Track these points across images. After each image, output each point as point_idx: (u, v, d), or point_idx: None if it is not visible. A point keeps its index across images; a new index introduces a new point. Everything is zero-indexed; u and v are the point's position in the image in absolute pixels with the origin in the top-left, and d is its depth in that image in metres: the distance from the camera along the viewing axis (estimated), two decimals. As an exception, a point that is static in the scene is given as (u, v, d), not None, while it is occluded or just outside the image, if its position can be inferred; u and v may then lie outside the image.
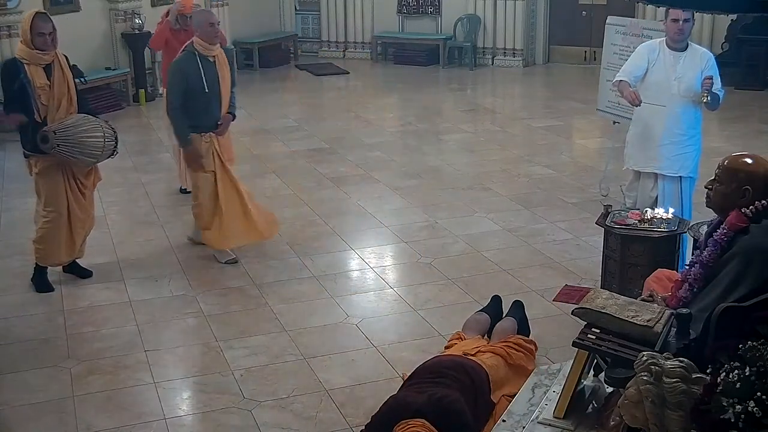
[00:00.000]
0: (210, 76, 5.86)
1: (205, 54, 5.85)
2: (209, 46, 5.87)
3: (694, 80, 5.36)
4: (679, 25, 5.33)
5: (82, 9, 11.20)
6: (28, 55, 5.36)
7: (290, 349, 4.91)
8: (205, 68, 5.84)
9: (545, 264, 6.04)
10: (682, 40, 5.43)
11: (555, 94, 12.31)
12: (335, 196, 7.67)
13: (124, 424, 4.20)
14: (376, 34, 15.18)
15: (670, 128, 5.47)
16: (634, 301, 3.53)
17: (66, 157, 5.41)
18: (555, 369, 4.00)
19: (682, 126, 5.47)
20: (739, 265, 3.23)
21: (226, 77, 6.02)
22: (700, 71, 5.36)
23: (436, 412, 3.54)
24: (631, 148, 5.74)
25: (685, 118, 5.47)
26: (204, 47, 5.85)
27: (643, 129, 5.62)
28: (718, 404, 2.64)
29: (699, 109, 5.50)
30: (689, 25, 5.39)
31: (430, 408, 3.55)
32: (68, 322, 5.29)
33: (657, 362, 2.88)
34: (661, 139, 5.50)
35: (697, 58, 5.43)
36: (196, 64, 5.82)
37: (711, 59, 5.46)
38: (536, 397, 3.75)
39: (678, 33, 5.37)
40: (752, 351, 2.67)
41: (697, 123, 5.55)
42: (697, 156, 5.57)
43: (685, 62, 5.42)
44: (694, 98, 5.39)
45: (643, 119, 5.62)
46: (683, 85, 5.39)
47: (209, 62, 5.89)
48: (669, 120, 5.47)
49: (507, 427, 3.58)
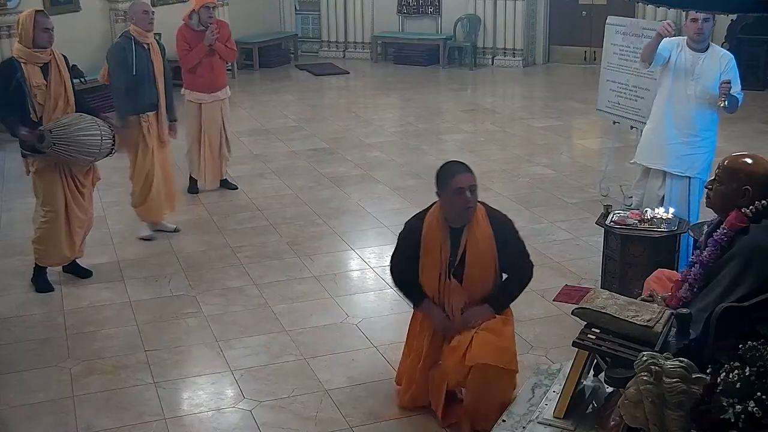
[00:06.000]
0: (141, 61, 6.29)
1: (140, 40, 6.30)
2: (144, 32, 6.32)
3: (712, 82, 5.28)
4: (698, 24, 5.27)
5: (82, 9, 11.20)
6: (26, 55, 5.36)
7: (290, 349, 4.91)
8: (137, 53, 6.28)
9: (545, 264, 6.03)
10: (703, 40, 5.35)
11: (555, 94, 12.31)
12: (335, 196, 7.67)
13: (124, 424, 4.20)
14: (376, 34, 15.17)
15: (683, 128, 5.42)
16: (634, 301, 3.53)
17: (63, 156, 5.41)
18: (555, 369, 4.01)
19: (695, 127, 5.41)
20: (739, 265, 3.23)
21: (159, 64, 6.43)
22: (719, 73, 5.29)
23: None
24: (643, 143, 5.72)
25: (699, 119, 5.41)
26: (139, 33, 6.31)
27: (657, 125, 5.57)
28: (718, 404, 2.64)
29: (715, 112, 5.42)
30: (709, 25, 5.31)
31: None
32: (68, 322, 5.29)
33: (657, 362, 2.88)
34: (672, 137, 5.45)
35: (716, 59, 5.35)
36: (131, 47, 6.26)
37: (731, 61, 5.36)
38: (536, 397, 3.75)
39: (698, 33, 5.31)
40: (752, 351, 2.68)
41: (713, 125, 5.48)
42: (709, 158, 5.50)
43: (705, 63, 5.34)
44: (711, 101, 5.32)
45: (658, 116, 5.57)
46: (699, 87, 5.33)
47: (143, 48, 6.32)
48: (683, 119, 5.42)
49: (507, 427, 3.58)
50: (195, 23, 7.38)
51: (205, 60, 7.39)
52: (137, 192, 6.58)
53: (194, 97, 7.52)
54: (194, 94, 7.51)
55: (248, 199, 7.62)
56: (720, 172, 3.46)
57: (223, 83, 7.61)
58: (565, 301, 3.69)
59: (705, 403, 2.69)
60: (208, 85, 7.48)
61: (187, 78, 7.53)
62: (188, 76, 7.50)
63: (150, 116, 6.41)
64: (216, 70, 7.49)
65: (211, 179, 7.73)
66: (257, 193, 7.78)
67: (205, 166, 7.64)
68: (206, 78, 7.44)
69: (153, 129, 6.44)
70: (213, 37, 7.28)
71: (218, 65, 7.51)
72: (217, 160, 7.70)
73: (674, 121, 5.45)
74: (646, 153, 5.67)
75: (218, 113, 7.60)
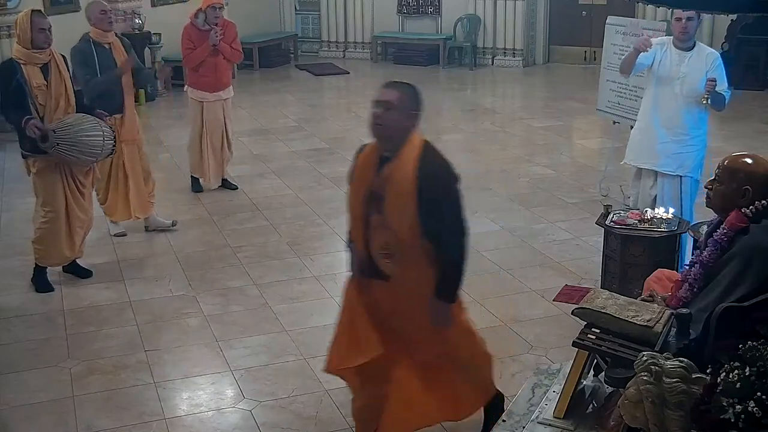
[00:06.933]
0: (104, 62, 6.18)
1: (99, 41, 6.19)
2: (104, 33, 6.21)
3: (698, 81, 5.32)
4: (682, 23, 5.31)
5: (82, 9, 11.18)
6: (25, 55, 5.37)
7: (290, 349, 4.91)
8: (99, 54, 6.17)
9: (545, 264, 6.04)
10: (687, 39, 5.39)
11: (555, 94, 12.31)
12: (335, 196, 7.67)
13: (124, 424, 4.20)
14: (376, 34, 15.17)
15: (672, 127, 5.45)
16: (634, 301, 3.53)
17: (65, 156, 5.41)
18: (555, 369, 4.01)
19: (684, 125, 5.44)
20: (739, 265, 3.22)
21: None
22: (705, 72, 5.32)
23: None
24: (632, 143, 5.74)
25: (687, 118, 5.43)
26: (98, 34, 6.20)
27: (645, 125, 5.61)
28: (718, 404, 2.64)
29: (704, 110, 5.45)
30: (693, 24, 5.34)
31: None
32: (68, 322, 5.29)
33: (657, 362, 2.88)
34: (661, 137, 5.48)
35: (702, 58, 5.38)
36: (90, 50, 6.15)
37: (717, 59, 5.39)
38: (536, 397, 3.75)
39: (682, 32, 5.35)
40: (752, 351, 2.68)
41: (702, 123, 5.50)
42: (700, 156, 5.53)
43: (690, 62, 5.37)
44: (698, 99, 5.35)
45: (646, 116, 5.61)
46: (686, 86, 5.36)
47: (104, 49, 6.21)
48: (671, 118, 5.45)
49: (507, 427, 3.58)
50: (201, 22, 7.39)
51: (209, 60, 7.39)
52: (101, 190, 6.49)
53: (197, 95, 7.53)
54: (197, 93, 7.52)
55: (248, 199, 7.62)
56: (720, 172, 3.46)
57: (226, 83, 7.61)
58: (565, 301, 3.68)
59: (705, 403, 2.69)
60: (211, 84, 7.47)
61: (190, 76, 7.54)
62: (192, 74, 7.52)
63: (117, 118, 6.23)
64: (220, 70, 7.48)
65: (214, 177, 7.75)
66: (257, 193, 7.79)
67: (209, 164, 7.65)
68: (209, 77, 7.44)
69: (119, 131, 6.16)
70: (217, 37, 7.29)
71: (222, 65, 7.50)
72: (219, 159, 7.71)
73: (663, 120, 5.47)
74: (636, 153, 5.69)
75: (220, 112, 7.60)
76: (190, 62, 7.43)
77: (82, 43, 6.22)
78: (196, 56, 7.35)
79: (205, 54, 7.34)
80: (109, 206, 6.59)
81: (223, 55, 7.45)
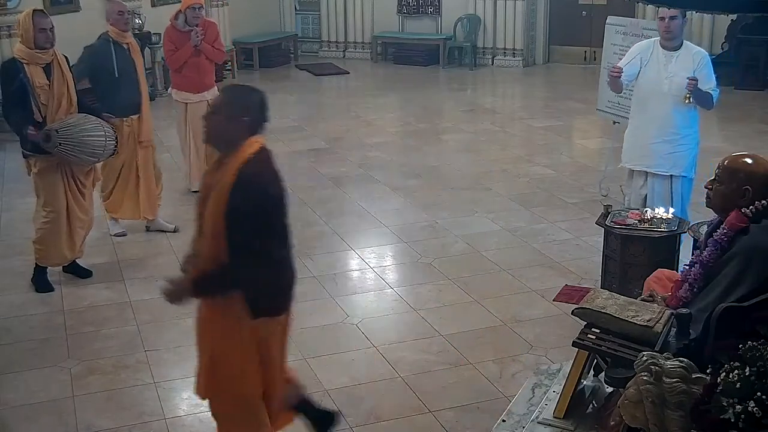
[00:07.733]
0: (122, 62, 6.26)
1: (118, 41, 6.28)
2: (122, 33, 6.31)
3: (685, 80, 5.29)
4: (665, 23, 5.31)
5: (82, 9, 11.19)
6: (27, 55, 5.37)
7: (290, 349, 4.88)
8: (117, 54, 6.24)
9: (545, 264, 6.04)
10: (672, 38, 5.38)
11: (555, 94, 12.31)
12: (335, 196, 7.67)
13: (124, 424, 4.20)
14: (376, 34, 15.17)
15: (663, 127, 5.44)
16: (634, 301, 3.53)
17: (67, 156, 5.41)
18: (555, 369, 4.01)
19: (675, 125, 5.43)
20: (739, 265, 3.23)
21: (141, 64, 6.46)
22: (692, 71, 5.31)
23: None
24: (626, 145, 5.74)
25: (678, 117, 5.43)
26: (117, 34, 6.28)
27: (636, 127, 5.62)
28: (718, 404, 2.64)
29: (694, 109, 5.46)
30: (677, 23, 5.33)
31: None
32: (68, 322, 5.29)
33: (657, 362, 2.88)
34: (653, 137, 5.47)
35: (689, 57, 5.38)
36: (110, 49, 6.23)
37: (704, 58, 5.39)
38: (536, 397, 3.75)
39: (666, 31, 5.35)
40: (752, 351, 2.68)
41: (693, 122, 5.50)
42: (692, 155, 5.52)
43: (677, 61, 5.37)
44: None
45: (637, 117, 5.62)
46: (674, 85, 5.35)
47: (123, 49, 6.30)
48: (661, 119, 5.44)
49: (507, 427, 3.58)
50: (181, 24, 7.38)
51: (192, 60, 7.35)
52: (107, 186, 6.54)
53: (180, 96, 7.50)
54: (181, 94, 7.49)
55: (248, 199, 7.60)
56: (720, 172, 3.46)
57: (210, 84, 7.55)
58: (565, 301, 3.68)
59: (705, 403, 2.69)
60: (195, 85, 7.43)
61: (174, 77, 7.56)
62: (175, 75, 7.53)
63: (134, 119, 6.35)
64: (202, 70, 7.44)
65: (195, 179, 7.50)
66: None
67: (191, 165, 7.60)
68: (193, 78, 7.40)
69: (135, 131, 6.35)
70: (198, 38, 7.26)
71: (205, 66, 7.46)
72: (202, 161, 7.41)
73: (654, 120, 5.47)
74: (630, 155, 5.69)
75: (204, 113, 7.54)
76: (172, 64, 7.45)
77: (100, 42, 6.28)
78: (179, 57, 7.35)
79: (188, 55, 7.33)
80: (112, 202, 6.59)
81: (206, 56, 7.41)
